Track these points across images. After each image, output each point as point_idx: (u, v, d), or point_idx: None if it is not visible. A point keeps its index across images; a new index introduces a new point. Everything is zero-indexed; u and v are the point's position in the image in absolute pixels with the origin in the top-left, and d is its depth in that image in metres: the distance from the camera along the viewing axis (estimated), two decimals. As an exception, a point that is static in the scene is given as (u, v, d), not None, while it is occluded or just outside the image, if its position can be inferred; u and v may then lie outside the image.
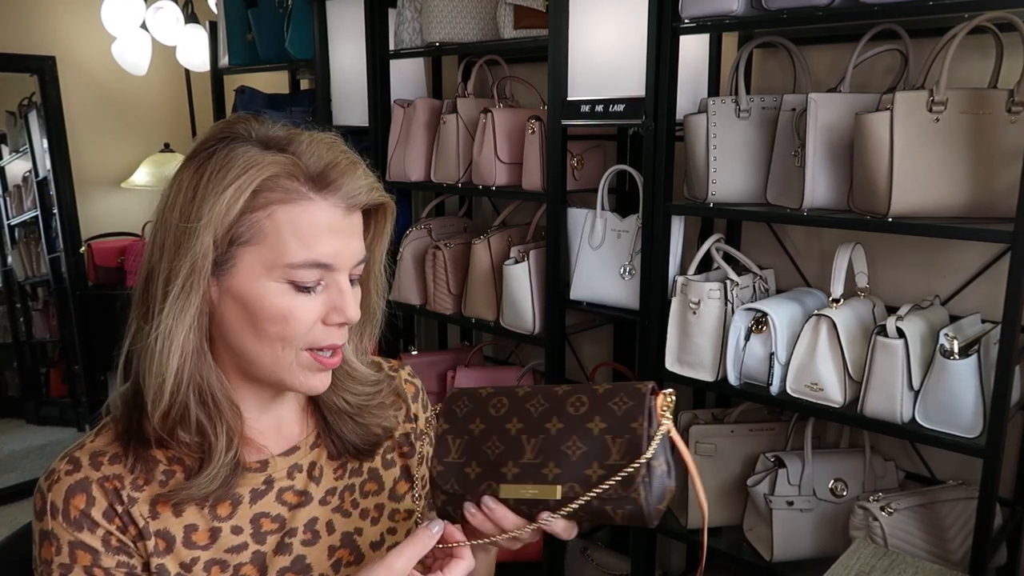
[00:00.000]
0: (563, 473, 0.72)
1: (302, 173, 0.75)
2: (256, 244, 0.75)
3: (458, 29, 2.08)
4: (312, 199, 0.76)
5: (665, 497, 0.72)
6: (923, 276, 1.71)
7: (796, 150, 1.54)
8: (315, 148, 0.77)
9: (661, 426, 0.71)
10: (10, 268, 3.30)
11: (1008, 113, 1.34)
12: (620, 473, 0.70)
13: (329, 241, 0.76)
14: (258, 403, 0.85)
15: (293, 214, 0.75)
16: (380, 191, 0.81)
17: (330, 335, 0.79)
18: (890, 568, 1.25)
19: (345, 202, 0.77)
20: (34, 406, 3.44)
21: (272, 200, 0.75)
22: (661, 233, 1.72)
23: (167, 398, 0.76)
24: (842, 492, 1.63)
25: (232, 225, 0.74)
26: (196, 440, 0.78)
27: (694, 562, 2.15)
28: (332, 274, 0.78)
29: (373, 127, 2.37)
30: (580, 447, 0.72)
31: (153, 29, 3.18)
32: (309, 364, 0.79)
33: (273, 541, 0.84)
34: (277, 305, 0.75)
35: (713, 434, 1.78)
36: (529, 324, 2.03)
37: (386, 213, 0.85)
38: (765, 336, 1.58)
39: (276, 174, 0.74)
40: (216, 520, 0.81)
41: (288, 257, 0.75)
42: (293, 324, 0.76)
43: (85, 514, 0.77)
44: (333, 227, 0.76)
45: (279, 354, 0.78)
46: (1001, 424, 1.32)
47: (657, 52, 1.62)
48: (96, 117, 3.34)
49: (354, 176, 0.78)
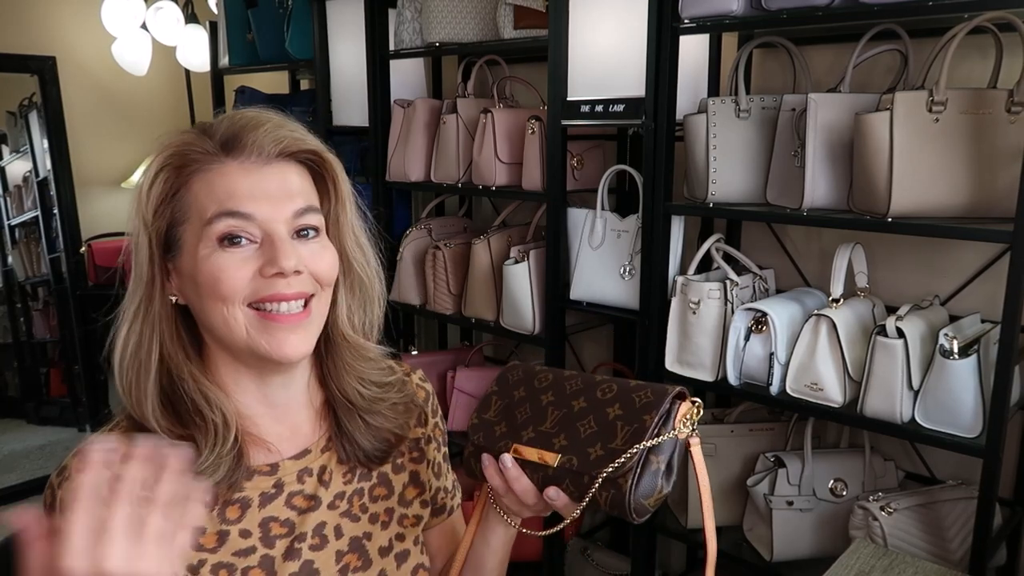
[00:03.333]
0: (568, 446, 0.76)
1: (208, 144, 0.79)
2: (187, 220, 0.79)
3: (458, 29, 2.08)
4: (223, 162, 0.79)
5: (653, 495, 0.74)
6: (923, 276, 1.71)
7: (796, 150, 1.54)
8: (226, 120, 0.81)
9: (675, 430, 0.72)
10: (10, 268, 3.30)
11: (1008, 113, 1.34)
12: (616, 458, 0.73)
13: (242, 193, 0.78)
14: (260, 398, 0.85)
15: (207, 179, 0.79)
16: (297, 140, 0.81)
17: (272, 284, 0.78)
18: (890, 568, 1.25)
19: (256, 156, 0.79)
20: (34, 406, 3.44)
21: (188, 174, 0.79)
22: (661, 233, 1.72)
23: (119, 376, 0.80)
24: (842, 492, 1.63)
25: (160, 208, 0.79)
26: (184, 432, 0.79)
27: (694, 562, 2.15)
28: (261, 227, 0.78)
29: (373, 127, 2.37)
30: (592, 427, 0.76)
31: (153, 29, 3.18)
32: (260, 323, 0.78)
33: (282, 546, 0.83)
34: (209, 266, 0.77)
35: (713, 434, 1.78)
36: (529, 324, 2.03)
37: (330, 167, 0.85)
38: (765, 336, 1.58)
39: (182, 150, 0.79)
40: (225, 523, 0.81)
41: (206, 215, 0.77)
42: (225, 281, 0.77)
43: None
44: (248, 181, 0.78)
45: (226, 315, 0.78)
46: (1001, 424, 1.32)
47: (657, 52, 1.62)
48: (96, 117, 3.34)
49: (258, 132, 0.79)
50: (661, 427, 0.74)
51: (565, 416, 0.78)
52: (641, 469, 0.73)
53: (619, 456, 0.73)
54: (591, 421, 0.76)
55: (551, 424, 0.79)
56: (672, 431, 0.73)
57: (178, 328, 0.82)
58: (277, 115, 0.83)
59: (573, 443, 0.76)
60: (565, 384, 0.81)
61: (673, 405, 0.75)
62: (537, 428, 0.79)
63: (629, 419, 0.74)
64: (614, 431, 0.74)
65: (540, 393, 0.82)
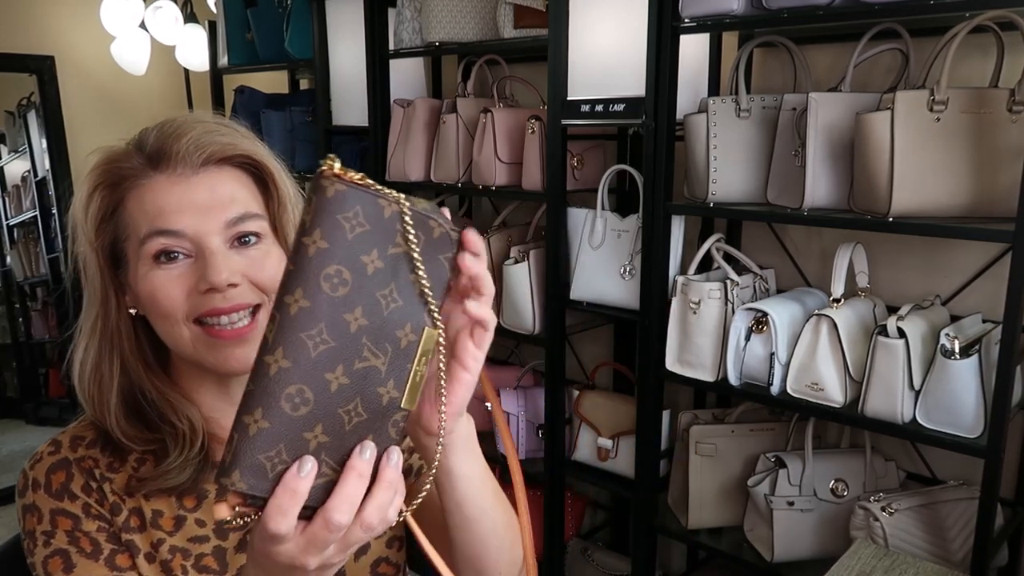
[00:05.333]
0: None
1: (137, 157, 0.78)
2: (127, 237, 0.79)
3: (458, 29, 2.08)
4: (152, 176, 0.78)
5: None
6: (924, 276, 1.71)
7: (796, 150, 1.54)
8: (155, 130, 0.80)
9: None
10: (9, 268, 3.29)
11: (1009, 112, 1.34)
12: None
13: (172, 208, 0.76)
14: (224, 398, 0.86)
15: (138, 196, 0.78)
16: (224, 146, 0.78)
17: (208, 300, 0.76)
18: (891, 568, 1.25)
19: (183, 166, 0.77)
20: (33, 407, 3.43)
21: (124, 191, 0.78)
22: (661, 233, 1.72)
23: (80, 390, 0.81)
24: (843, 492, 1.63)
25: (101, 223, 0.79)
26: (152, 436, 0.81)
27: (694, 562, 2.15)
28: (194, 241, 0.76)
29: (373, 127, 2.37)
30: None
31: (152, 29, 3.18)
32: (205, 339, 0.77)
33: (235, 538, 0.85)
34: (147, 285, 0.77)
35: (713, 434, 1.78)
36: (529, 324, 2.03)
37: (267, 169, 0.81)
38: (765, 336, 1.58)
39: (111, 168, 0.79)
40: (182, 509, 0.83)
41: (140, 234, 0.77)
42: (162, 300, 0.76)
43: (65, 487, 0.80)
44: (176, 195, 0.76)
45: (173, 333, 0.78)
46: (1002, 424, 1.32)
47: (657, 52, 1.62)
48: (95, 117, 3.33)
49: (184, 140, 0.77)
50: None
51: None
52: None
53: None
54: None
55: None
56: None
57: (138, 339, 0.82)
58: (212, 118, 0.81)
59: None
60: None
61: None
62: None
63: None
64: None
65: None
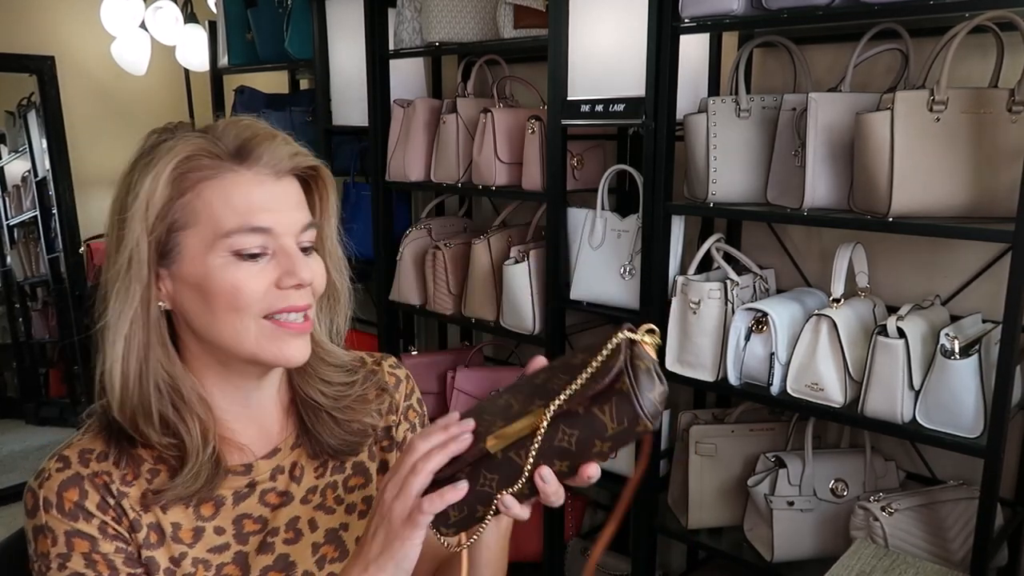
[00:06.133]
0: (547, 402, 0.68)
1: (220, 150, 0.78)
2: (193, 226, 0.77)
3: (458, 29, 2.08)
4: (236, 171, 0.78)
5: (655, 389, 0.67)
6: (923, 276, 1.71)
7: (796, 150, 1.54)
8: (231, 128, 0.80)
9: (637, 337, 0.68)
10: (9, 268, 3.30)
11: (1009, 112, 1.34)
12: (601, 370, 0.66)
13: (263, 206, 0.78)
14: (240, 398, 0.86)
15: (220, 187, 0.77)
16: (307, 155, 0.83)
17: (287, 297, 0.79)
18: (891, 568, 1.25)
19: (270, 169, 0.79)
20: (33, 407, 3.43)
21: (198, 180, 0.77)
22: (661, 233, 1.72)
23: (118, 388, 0.78)
24: (842, 492, 1.63)
25: (163, 212, 0.77)
26: (170, 440, 0.79)
27: (694, 562, 2.15)
28: (275, 240, 0.78)
29: (373, 127, 2.37)
30: (562, 377, 0.69)
31: (152, 29, 3.18)
32: (272, 332, 0.79)
33: (255, 541, 0.85)
34: (225, 278, 0.77)
35: (713, 434, 1.78)
36: (529, 324, 2.03)
37: (325, 183, 0.86)
38: (765, 336, 1.58)
39: (193, 154, 0.77)
40: (200, 520, 0.82)
41: (224, 227, 0.77)
42: (244, 294, 0.77)
43: (79, 505, 0.77)
44: (265, 193, 0.78)
45: (238, 327, 0.78)
46: (1002, 424, 1.32)
47: (657, 52, 1.62)
48: (95, 117, 3.33)
49: (273, 144, 0.80)
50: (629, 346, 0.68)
51: (530, 390, 0.71)
52: (633, 370, 0.66)
53: (604, 368, 0.65)
54: (559, 375, 0.70)
55: (520, 404, 0.71)
56: (638, 341, 0.68)
57: (164, 335, 0.81)
58: (270, 127, 0.84)
59: (552, 397, 0.68)
60: (520, 382, 0.74)
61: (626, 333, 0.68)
62: (506, 415, 0.71)
63: (595, 349, 0.67)
64: (585, 364, 0.67)
65: (496, 399, 0.74)
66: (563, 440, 0.68)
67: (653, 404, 0.67)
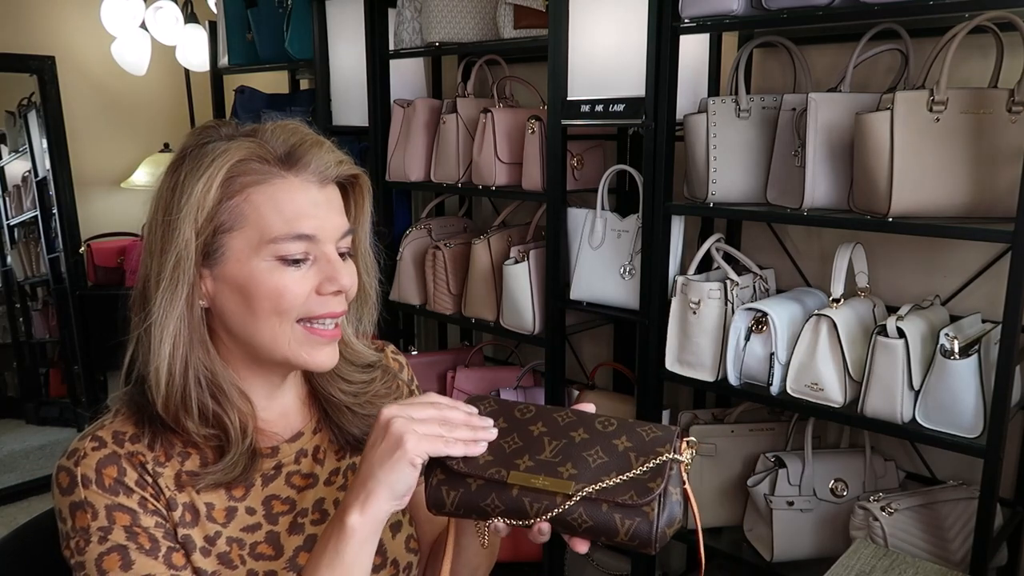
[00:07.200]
0: (579, 474, 0.73)
1: (270, 154, 0.80)
2: (240, 228, 0.79)
3: (458, 29, 2.08)
4: (285, 177, 0.80)
5: (674, 524, 0.73)
6: (923, 276, 1.71)
7: (796, 150, 1.54)
8: (279, 132, 0.82)
9: (684, 460, 0.73)
10: (9, 268, 3.29)
11: (1008, 113, 1.34)
12: (640, 483, 0.71)
13: (308, 213, 0.80)
14: (266, 392, 0.89)
15: (269, 192, 0.79)
16: (350, 164, 0.86)
17: (326, 303, 0.82)
18: (890, 568, 1.25)
19: (316, 176, 0.81)
20: (34, 407, 3.43)
21: (247, 184, 0.79)
22: (661, 233, 1.72)
23: (164, 385, 0.79)
24: (842, 492, 1.63)
25: (212, 214, 0.78)
26: (211, 432, 0.81)
27: (694, 562, 2.15)
28: (318, 246, 0.81)
29: (373, 127, 2.37)
30: (602, 457, 0.73)
31: (153, 29, 3.18)
32: (304, 337, 0.82)
33: (285, 521, 0.87)
34: (269, 282, 0.79)
35: (713, 434, 1.78)
36: (529, 324, 2.03)
37: (363, 190, 0.89)
38: (765, 336, 1.58)
39: (244, 158, 0.79)
40: (232, 500, 0.84)
41: (271, 233, 0.78)
42: (287, 298, 0.80)
43: (119, 481, 0.79)
44: (310, 200, 0.81)
45: (276, 330, 0.81)
46: (1001, 424, 1.32)
47: (657, 52, 1.62)
48: (96, 117, 3.33)
49: (320, 152, 0.82)
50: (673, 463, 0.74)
51: (567, 446, 0.74)
52: (665, 498, 0.72)
53: (642, 482, 0.71)
54: (599, 451, 0.74)
55: (552, 453, 0.74)
56: (681, 459, 0.73)
57: (205, 333, 0.83)
58: (314, 132, 0.86)
59: (584, 472, 0.73)
60: (554, 416, 0.77)
61: (678, 442, 0.74)
62: (535, 457, 0.74)
63: (643, 451, 0.73)
64: (628, 462, 0.72)
65: (527, 424, 0.77)
66: (575, 519, 0.72)
67: (665, 536, 0.72)
